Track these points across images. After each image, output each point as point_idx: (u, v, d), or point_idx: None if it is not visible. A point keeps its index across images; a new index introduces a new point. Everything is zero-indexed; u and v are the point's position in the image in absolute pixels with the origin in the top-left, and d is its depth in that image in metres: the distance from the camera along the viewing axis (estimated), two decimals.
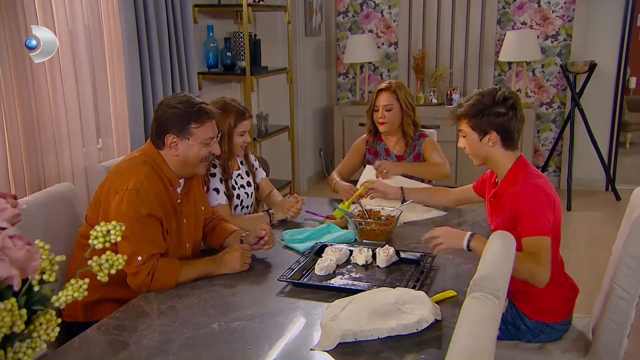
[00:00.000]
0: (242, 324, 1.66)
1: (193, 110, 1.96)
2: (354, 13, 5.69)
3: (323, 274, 1.96)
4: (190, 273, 1.94)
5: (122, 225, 0.99)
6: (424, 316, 1.56)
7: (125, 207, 1.85)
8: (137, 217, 1.86)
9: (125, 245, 1.82)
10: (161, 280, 1.88)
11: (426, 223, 2.45)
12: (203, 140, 1.98)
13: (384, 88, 2.84)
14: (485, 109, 2.01)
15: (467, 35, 5.37)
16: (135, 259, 1.83)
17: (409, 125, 2.87)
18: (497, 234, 1.65)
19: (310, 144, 5.51)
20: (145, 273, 1.85)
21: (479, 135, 2.04)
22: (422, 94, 5.39)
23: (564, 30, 5.20)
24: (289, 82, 4.38)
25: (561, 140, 5.28)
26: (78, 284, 0.92)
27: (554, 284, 2.03)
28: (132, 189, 1.86)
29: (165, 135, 1.96)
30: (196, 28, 3.75)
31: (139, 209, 1.86)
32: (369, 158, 2.95)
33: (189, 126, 1.96)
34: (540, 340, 2.04)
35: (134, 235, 1.84)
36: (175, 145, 1.96)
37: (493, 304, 1.23)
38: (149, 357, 1.51)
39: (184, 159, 1.98)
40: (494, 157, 2.07)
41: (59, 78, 2.69)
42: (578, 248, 4.02)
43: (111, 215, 1.87)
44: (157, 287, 1.88)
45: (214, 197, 2.39)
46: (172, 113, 1.96)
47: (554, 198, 1.97)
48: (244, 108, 2.44)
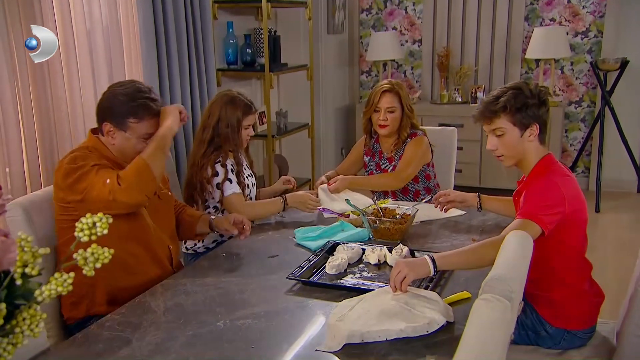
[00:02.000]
0: (248, 323, 1.62)
1: (134, 104, 1.90)
2: (377, 10, 5.62)
3: (334, 273, 1.90)
4: (150, 146, 1.87)
5: (109, 218, 0.94)
6: (435, 318, 1.49)
7: (71, 176, 1.80)
8: (86, 171, 1.80)
9: (93, 191, 1.77)
10: (131, 169, 1.81)
11: (443, 222, 2.38)
12: (141, 135, 1.92)
13: (387, 89, 2.71)
14: (527, 100, 1.90)
15: (493, 32, 5.25)
16: (105, 183, 1.76)
17: (406, 128, 2.74)
18: (514, 233, 1.58)
19: (332, 142, 5.46)
20: (115, 181, 1.77)
21: (520, 131, 1.91)
22: (446, 92, 5.29)
23: (595, 26, 5.04)
24: (309, 79, 4.34)
25: (590, 140, 5.12)
26: (62, 278, 0.89)
27: (577, 289, 1.94)
28: (68, 161, 1.83)
29: (103, 122, 1.92)
30: (216, 24, 3.73)
31: (84, 168, 1.81)
32: (366, 160, 2.89)
33: (126, 120, 1.90)
34: (561, 347, 1.95)
35: (92, 178, 1.78)
36: (112, 134, 1.92)
37: (504, 306, 1.16)
38: (150, 354, 1.48)
39: (121, 150, 1.94)
40: (529, 154, 1.95)
41: (75, 74, 2.69)
42: (606, 251, 3.89)
43: (68, 195, 1.82)
44: (136, 179, 1.79)
45: (228, 186, 2.40)
46: (113, 102, 1.92)
47: (567, 198, 1.85)
48: (250, 102, 2.45)
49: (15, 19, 2.38)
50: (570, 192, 1.88)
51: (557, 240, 1.88)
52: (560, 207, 1.83)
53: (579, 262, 1.97)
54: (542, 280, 1.93)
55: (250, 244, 2.19)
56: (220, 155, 2.42)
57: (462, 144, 4.82)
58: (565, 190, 1.86)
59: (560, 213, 1.83)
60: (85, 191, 1.79)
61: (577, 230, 1.93)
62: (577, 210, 1.89)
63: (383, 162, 2.84)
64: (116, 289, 1.89)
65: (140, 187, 1.81)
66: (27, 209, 1.90)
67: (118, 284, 1.89)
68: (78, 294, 1.87)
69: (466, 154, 4.91)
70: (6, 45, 2.35)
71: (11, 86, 2.38)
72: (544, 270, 1.92)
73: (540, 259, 1.92)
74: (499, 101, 1.92)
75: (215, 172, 2.40)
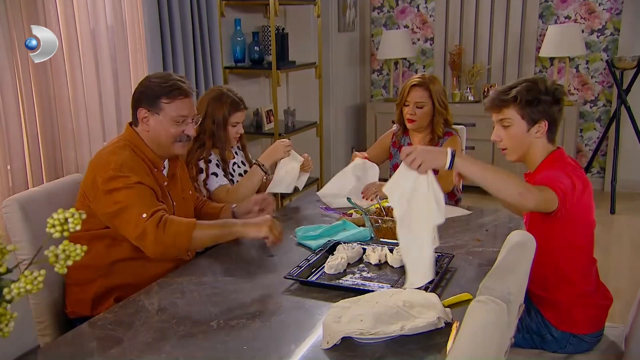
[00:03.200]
0: (242, 323, 1.58)
1: (165, 84, 1.92)
2: (389, 8, 5.56)
3: (333, 273, 1.86)
4: (208, 229, 1.80)
5: (82, 214, 0.91)
6: (432, 320, 1.44)
7: (113, 183, 1.79)
8: (128, 185, 1.79)
9: (125, 214, 1.75)
10: (175, 230, 1.74)
11: (447, 222, 2.30)
12: (173, 117, 1.93)
13: (417, 83, 2.67)
14: (540, 95, 1.84)
15: (507, 30, 5.17)
16: (140, 217, 1.74)
17: (439, 124, 2.68)
18: (516, 233, 1.52)
19: (342, 141, 5.41)
20: (153, 226, 1.74)
21: (527, 125, 1.86)
22: (458, 90, 5.22)
23: (612, 24, 4.94)
24: (318, 78, 4.30)
25: (606, 140, 5.01)
26: (33, 276, 0.86)
27: (584, 290, 1.88)
28: (115, 167, 1.81)
29: (138, 108, 1.93)
30: (223, 22, 3.70)
31: (127, 180, 1.80)
32: (392, 152, 2.83)
33: (159, 100, 1.91)
34: (567, 351, 1.89)
35: (130, 199, 1.77)
36: (146, 120, 1.93)
37: (499, 308, 1.11)
38: (140, 354, 1.45)
39: (156, 136, 1.94)
40: (534, 150, 1.90)
41: (79, 73, 2.68)
42: (620, 253, 3.79)
43: (101, 199, 1.81)
44: (171, 242, 1.74)
45: (214, 180, 2.38)
46: (146, 86, 1.95)
47: (577, 186, 1.79)
48: (239, 99, 2.40)
49: (17, 17, 2.37)
50: (580, 185, 1.80)
51: (563, 238, 1.83)
52: (572, 182, 1.77)
53: (585, 260, 1.91)
54: (547, 281, 1.87)
55: (250, 243, 2.15)
56: (204, 151, 2.39)
57: (474, 144, 4.78)
58: (576, 180, 1.79)
59: (573, 187, 1.76)
60: (120, 206, 1.78)
61: (580, 225, 1.87)
62: (583, 205, 1.83)
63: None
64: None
65: (167, 251, 1.78)
66: (23, 206, 1.88)
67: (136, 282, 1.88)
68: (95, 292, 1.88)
69: (478, 153, 4.84)
70: (8, 43, 2.35)
71: (13, 84, 2.38)
72: (550, 270, 1.86)
73: (546, 258, 1.87)
74: (511, 91, 1.87)
75: (199, 169, 2.38)
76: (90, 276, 1.90)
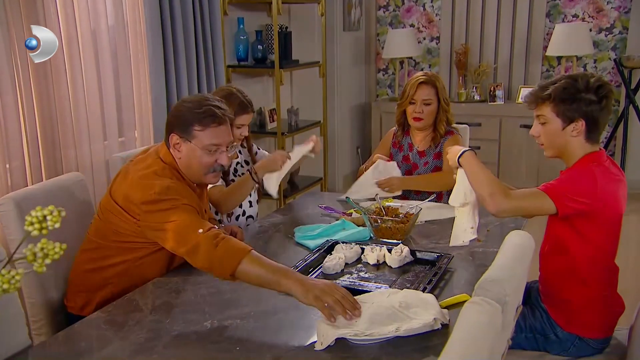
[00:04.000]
0: (236, 323, 1.57)
1: (199, 110, 1.82)
2: (395, 7, 5.53)
3: (330, 273, 1.84)
4: (259, 265, 1.59)
5: (61, 210, 0.89)
6: (428, 321, 1.41)
7: (161, 204, 1.72)
8: (177, 205, 1.72)
9: (179, 229, 1.68)
10: (225, 249, 1.62)
11: (448, 222, 2.28)
12: (205, 145, 1.83)
13: (424, 81, 2.62)
14: (577, 93, 1.77)
15: (514, 28, 5.12)
16: (196, 232, 1.66)
17: (442, 123, 2.66)
18: (514, 233, 1.49)
19: (347, 140, 5.38)
20: (208, 240, 1.63)
21: (562, 123, 1.79)
22: (464, 90, 5.17)
23: (620, 22, 4.87)
24: (322, 76, 4.27)
25: (614, 139, 4.95)
26: (10, 275, 0.84)
27: (598, 295, 1.83)
28: (160, 190, 1.74)
29: (170, 133, 1.85)
30: (226, 20, 3.69)
31: (175, 202, 1.72)
32: (393, 152, 2.80)
33: (191, 127, 1.82)
34: (570, 354, 1.85)
35: (181, 216, 1.69)
36: (178, 146, 1.84)
37: (494, 310, 1.08)
38: (132, 354, 1.43)
39: (188, 164, 1.86)
40: (571, 149, 1.82)
41: (79, 72, 2.66)
42: (628, 255, 3.73)
43: (152, 222, 1.74)
44: (218, 262, 1.61)
45: None
46: (180, 111, 1.85)
47: (600, 190, 1.73)
48: (247, 102, 2.33)
49: (17, 17, 2.37)
50: (609, 186, 1.75)
51: (580, 233, 1.78)
52: (589, 197, 1.72)
53: (605, 264, 1.85)
54: (562, 280, 1.83)
55: (249, 242, 2.13)
56: None
57: (480, 143, 4.74)
58: (602, 183, 1.73)
59: (585, 204, 1.72)
60: (171, 224, 1.71)
61: (605, 228, 1.80)
62: (610, 208, 1.77)
63: (413, 156, 2.73)
64: None
65: (213, 267, 1.65)
66: (19, 204, 1.87)
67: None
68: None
69: (484, 153, 4.80)
70: (8, 43, 2.34)
71: (13, 83, 2.37)
72: (564, 267, 1.82)
73: (561, 253, 1.82)
74: (548, 88, 1.81)
75: None
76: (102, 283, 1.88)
